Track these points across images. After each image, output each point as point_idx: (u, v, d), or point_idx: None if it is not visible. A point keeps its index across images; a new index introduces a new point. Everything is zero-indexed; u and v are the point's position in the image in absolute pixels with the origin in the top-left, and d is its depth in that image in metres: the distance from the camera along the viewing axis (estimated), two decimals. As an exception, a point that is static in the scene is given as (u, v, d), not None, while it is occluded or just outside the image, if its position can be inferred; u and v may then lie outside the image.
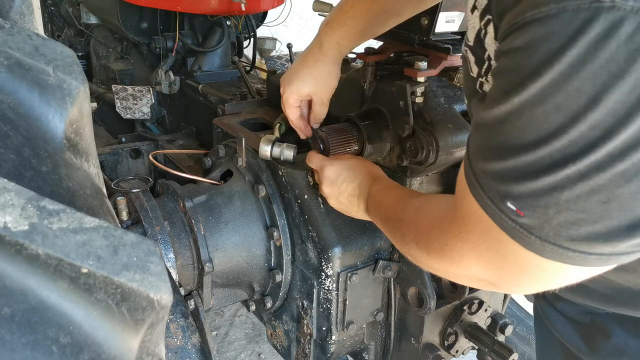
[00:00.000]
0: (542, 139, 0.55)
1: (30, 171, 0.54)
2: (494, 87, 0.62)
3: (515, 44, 0.55)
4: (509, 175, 0.60)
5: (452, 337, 1.53)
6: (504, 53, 0.59)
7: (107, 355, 0.49)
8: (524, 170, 0.58)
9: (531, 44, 0.53)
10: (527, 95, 0.54)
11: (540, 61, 0.52)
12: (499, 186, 0.62)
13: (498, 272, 0.72)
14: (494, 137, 0.61)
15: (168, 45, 2.44)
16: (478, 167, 0.66)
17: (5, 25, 0.64)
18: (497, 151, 0.61)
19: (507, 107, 0.57)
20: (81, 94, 0.66)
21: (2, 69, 0.59)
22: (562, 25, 0.50)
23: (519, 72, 0.55)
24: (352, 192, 1.23)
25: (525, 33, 0.54)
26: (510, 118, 0.57)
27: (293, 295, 1.51)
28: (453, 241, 0.76)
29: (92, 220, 0.48)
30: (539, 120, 0.55)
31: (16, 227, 0.44)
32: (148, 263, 0.50)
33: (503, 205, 0.62)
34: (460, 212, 0.73)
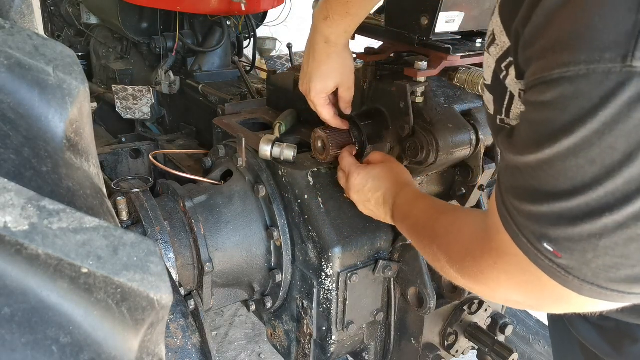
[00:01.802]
0: (577, 189, 0.56)
1: (30, 171, 0.54)
2: (524, 134, 0.63)
3: (544, 97, 0.56)
4: (544, 218, 0.61)
5: (452, 337, 1.52)
6: (532, 104, 0.60)
7: (107, 355, 0.49)
8: (559, 216, 0.59)
9: (561, 101, 0.54)
10: (560, 148, 0.56)
11: (572, 118, 0.54)
12: (535, 227, 0.63)
13: (536, 300, 0.73)
14: (526, 181, 0.62)
15: (168, 45, 2.44)
16: (512, 205, 0.67)
17: (5, 25, 0.64)
18: (531, 195, 0.62)
19: (539, 157, 0.59)
20: (81, 94, 0.66)
21: (2, 68, 0.59)
22: (593, 86, 0.51)
23: (550, 125, 0.56)
24: (378, 201, 1.25)
25: (554, 89, 0.55)
26: (543, 167, 0.59)
27: (293, 295, 1.51)
28: (488, 270, 0.77)
29: (92, 220, 0.48)
30: (572, 172, 0.56)
31: (16, 227, 0.44)
32: (148, 263, 0.50)
33: (540, 246, 0.63)
34: (495, 244, 0.73)
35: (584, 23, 0.51)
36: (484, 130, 1.32)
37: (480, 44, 1.32)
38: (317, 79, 1.34)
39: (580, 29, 0.51)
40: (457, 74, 1.33)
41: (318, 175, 1.42)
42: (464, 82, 1.31)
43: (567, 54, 0.52)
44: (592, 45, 0.50)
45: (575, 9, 0.53)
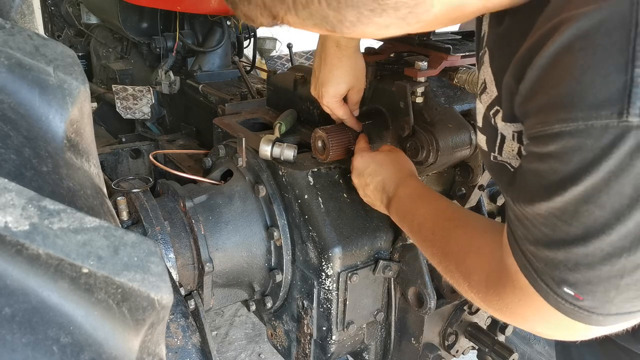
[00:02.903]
0: (591, 234, 0.59)
1: (30, 171, 0.54)
2: (530, 184, 0.65)
3: (547, 149, 0.59)
4: (562, 264, 0.63)
5: (452, 337, 1.53)
6: (535, 155, 0.63)
7: (107, 355, 0.49)
8: (577, 261, 0.61)
9: (564, 152, 0.57)
10: (570, 195, 0.58)
11: (577, 168, 0.57)
12: (554, 272, 0.65)
13: (563, 333, 0.75)
14: (539, 229, 0.64)
15: (168, 45, 2.44)
16: (528, 252, 0.68)
17: (5, 25, 0.64)
18: (546, 242, 0.64)
19: (550, 205, 0.61)
20: (82, 94, 0.66)
21: (2, 69, 0.59)
22: (594, 139, 0.54)
23: (557, 175, 0.59)
24: (376, 186, 1.24)
25: (556, 142, 0.58)
26: (555, 214, 0.61)
27: (293, 295, 1.51)
28: (513, 306, 0.78)
29: (92, 220, 0.48)
30: (584, 217, 0.59)
31: (17, 227, 0.44)
32: (149, 263, 0.50)
33: (560, 290, 0.65)
34: (517, 283, 0.74)
35: (577, 83, 0.54)
36: (484, 130, 1.32)
37: (480, 44, 1.32)
38: (330, 84, 1.33)
39: (574, 88, 0.54)
40: (457, 74, 1.33)
41: (318, 175, 1.42)
42: (464, 82, 1.31)
43: (565, 111, 0.55)
44: (587, 103, 0.53)
45: (565, 70, 0.56)
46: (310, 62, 3.97)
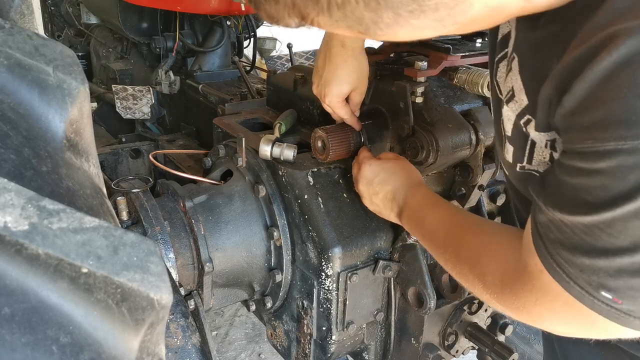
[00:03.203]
0: (636, 246, 0.60)
1: (30, 171, 0.54)
2: (571, 195, 0.65)
3: (598, 166, 0.60)
4: (602, 271, 0.64)
5: (452, 337, 1.53)
6: (581, 170, 0.63)
7: (107, 355, 0.49)
8: (620, 269, 0.62)
9: (619, 170, 0.57)
10: (622, 211, 0.59)
11: (633, 186, 0.57)
12: (592, 278, 0.65)
13: (581, 332, 0.75)
14: (579, 237, 0.65)
15: (168, 45, 2.44)
16: (561, 257, 0.69)
17: (5, 25, 0.64)
18: (586, 250, 0.65)
19: (596, 218, 0.62)
20: (81, 94, 0.66)
21: (2, 68, 0.59)
22: None
23: (608, 192, 0.60)
24: (386, 195, 1.24)
25: (609, 159, 0.58)
26: (600, 226, 0.62)
27: (293, 295, 1.51)
28: (530, 305, 0.78)
29: (92, 220, 0.48)
30: (633, 231, 0.60)
31: (16, 227, 0.44)
32: (148, 263, 0.50)
33: (597, 294, 0.66)
34: (538, 283, 0.74)
35: (637, 100, 0.53)
36: (484, 130, 1.32)
37: (480, 44, 1.32)
38: (333, 84, 1.32)
39: (634, 105, 0.53)
40: (457, 74, 1.33)
41: (318, 175, 1.42)
42: (464, 82, 1.31)
43: (623, 128, 0.55)
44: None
45: (623, 85, 0.54)
46: (310, 62, 3.96)
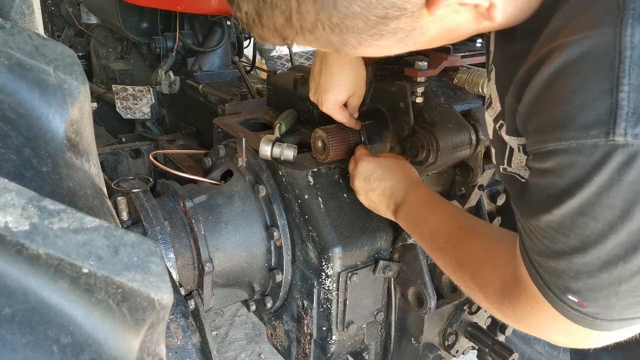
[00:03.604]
0: (587, 244, 0.63)
1: (30, 171, 0.54)
2: (534, 198, 0.70)
3: (544, 165, 0.65)
4: (564, 273, 0.68)
5: (452, 337, 1.53)
6: (536, 170, 0.68)
7: (107, 355, 0.49)
8: (578, 270, 0.66)
9: (559, 168, 0.62)
10: (566, 208, 0.63)
11: (572, 182, 0.62)
12: (558, 281, 0.69)
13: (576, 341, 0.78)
14: (541, 241, 0.69)
15: (168, 45, 2.44)
16: (536, 262, 0.73)
17: (5, 25, 0.64)
18: (549, 252, 0.69)
19: (549, 218, 0.66)
20: (82, 94, 0.66)
21: (2, 69, 0.59)
22: (585, 156, 0.59)
23: (554, 189, 0.64)
24: (384, 192, 1.24)
25: (551, 158, 0.63)
26: (554, 226, 0.66)
27: (293, 295, 1.51)
28: (527, 315, 0.81)
29: (92, 220, 0.48)
30: (580, 229, 0.63)
31: (17, 227, 0.44)
32: (149, 263, 0.50)
33: (565, 298, 0.70)
34: (530, 292, 0.77)
35: (569, 106, 0.59)
36: (484, 130, 1.32)
37: (480, 44, 1.32)
38: (330, 92, 1.32)
39: (566, 111, 0.59)
40: (457, 74, 1.33)
41: (318, 175, 1.42)
42: (464, 82, 1.31)
43: (559, 130, 0.60)
44: (579, 124, 0.58)
45: (558, 93, 0.60)
46: (310, 63, 3.96)
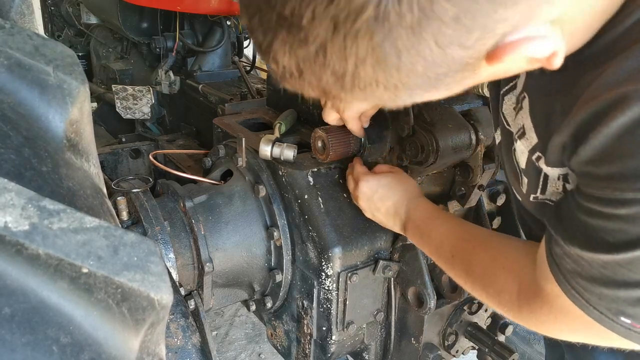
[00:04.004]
0: None
1: (30, 171, 0.54)
2: (591, 235, 0.69)
3: (617, 212, 0.63)
4: (621, 300, 0.68)
5: (452, 337, 1.53)
6: (601, 214, 0.66)
7: (107, 355, 0.49)
8: (637, 299, 0.66)
9: (638, 217, 0.61)
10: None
11: None
12: (611, 305, 0.69)
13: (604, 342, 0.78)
14: (597, 270, 0.69)
15: (168, 45, 2.44)
16: (580, 285, 0.72)
17: (5, 25, 0.64)
18: (605, 281, 0.68)
19: (616, 257, 0.65)
20: (81, 94, 0.66)
21: (2, 69, 0.59)
22: None
23: (627, 235, 0.63)
24: (388, 211, 1.25)
25: (629, 207, 0.62)
26: (620, 263, 0.66)
27: (293, 295, 1.51)
28: (549, 322, 0.82)
29: (92, 220, 0.48)
30: None
31: (17, 227, 0.44)
32: (148, 263, 0.50)
33: (616, 319, 0.70)
34: (556, 305, 0.78)
35: None
36: (484, 130, 1.32)
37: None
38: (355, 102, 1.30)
39: None
40: (457, 74, 1.33)
41: (318, 175, 1.42)
42: (464, 82, 1.31)
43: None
44: None
45: (635, 144, 0.58)
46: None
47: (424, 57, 0.51)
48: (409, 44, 0.50)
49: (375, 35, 0.48)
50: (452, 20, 0.48)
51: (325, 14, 0.47)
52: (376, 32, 0.48)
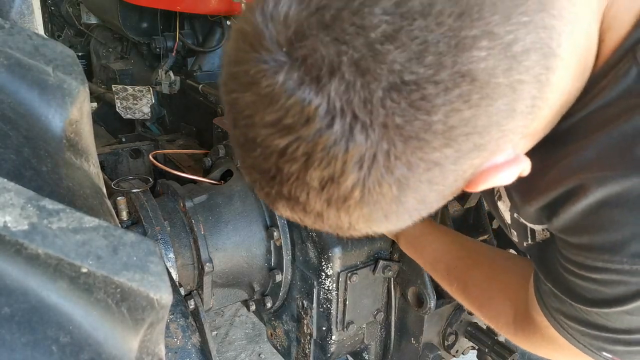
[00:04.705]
0: (632, 330, 0.68)
1: (30, 171, 0.54)
2: (572, 290, 0.72)
3: (591, 275, 0.67)
4: (601, 339, 0.72)
5: (452, 337, 1.52)
6: (578, 275, 0.69)
7: (107, 355, 0.49)
8: (617, 340, 0.70)
9: (610, 282, 0.65)
10: (615, 310, 0.67)
11: (623, 295, 0.65)
12: (593, 342, 0.73)
13: None
14: (579, 313, 0.72)
15: (168, 45, 2.44)
16: (563, 321, 0.76)
17: (5, 25, 0.64)
18: (586, 323, 0.72)
19: (594, 310, 0.70)
20: (81, 94, 0.66)
21: (2, 68, 0.59)
22: (636, 278, 0.62)
23: (602, 295, 0.67)
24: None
25: (601, 273, 0.65)
26: (599, 314, 0.69)
27: (293, 295, 1.51)
28: (543, 347, 0.86)
29: (91, 220, 0.48)
30: (628, 321, 0.68)
31: (16, 226, 0.44)
32: (148, 263, 0.50)
33: (599, 353, 0.74)
34: (546, 334, 0.82)
35: (618, 234, 0.61)
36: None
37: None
38: None
39: (616, 239, 0.61)
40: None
41: (318, 175, 1.42)
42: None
43: (609, 254, 0.63)
44: (631, 252, 0.61)
45: (605, 221, 0.62)
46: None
47: (408, 212, 0.57)
48: (394, 209, 0.54)
49: (364, 208, 0.53)
50: (427, 182, 0.53)
51: (318, 197, 0.52)
52: (364, 206, 0.53)
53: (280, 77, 0.47)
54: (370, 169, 0.49)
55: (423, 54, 0.45)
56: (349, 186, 0.50)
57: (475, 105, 0.48)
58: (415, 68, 0.45)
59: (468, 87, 0.47)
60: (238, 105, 0.52)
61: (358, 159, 0.48)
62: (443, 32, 0.45)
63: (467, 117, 0.49)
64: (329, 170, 0.50)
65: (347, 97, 0.46)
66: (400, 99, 0.46)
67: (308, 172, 0.50)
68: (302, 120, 0.48)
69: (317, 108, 0.47)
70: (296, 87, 0.47)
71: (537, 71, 0.51)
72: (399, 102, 0.46)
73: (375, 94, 0.46)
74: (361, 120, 0.47)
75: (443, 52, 0.45)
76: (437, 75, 0.46)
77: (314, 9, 0.46)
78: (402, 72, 0.45)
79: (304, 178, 0.51)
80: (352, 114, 0.47)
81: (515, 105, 0.51)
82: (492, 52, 0.47)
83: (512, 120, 0.52)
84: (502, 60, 0.48)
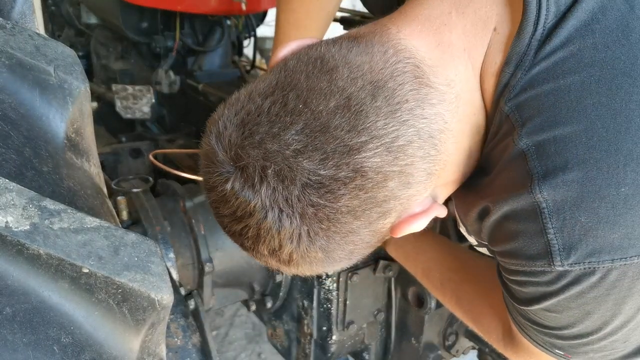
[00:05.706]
0: (562, 327, 0.76)
1: (31, 171, 0.54)
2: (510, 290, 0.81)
3: (513, 278, 0.76)
4: (547, 336, 0.80)
5: (453, 336, 1.53)
6: (508, 279, 0.79)
7: (108, 355, 0.49)
8: (560, 337, 0.78)
9: (523, 283, 0.74)
10: (534, 308, 0.76)
11: (535, 295, 0.74)
12: (545, 339, 0.82)
13: None
14: (526, 313, 0.80)
15: (168, 44, 2.44)
16: (518, 320, 0.84)
17: (6, 25, 0.64)
18: (532, 322, 0.80)
19: (528, 308, 0.77)
20: (82, 94, 0.66)
21: (3, 69, 0.59)
22: (540, 276, 0.71)
23: (522, 295, 0.77)
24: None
25: (514, 275, 0.75)
26: (533, 311, 0.78)
27: (293, 295, 1.51)
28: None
29: (93, 220, 0.49)
30: (552, 319, 0.76)
31: (17, 227, 0.44)
32: (149, 263, 0.50)
33: (553, 351, 0.82)
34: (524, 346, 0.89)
35: (517, 243, 0.70)
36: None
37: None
38: None
39: (516, 246, 0.71)
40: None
41: (318, 175, 1.42)
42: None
43: (514, 258, 0.73)
44: (528, 256, 0.70)
45: (506, 233, 0.72)
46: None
47: (341, 261, 0.74)
48: (328, 262, 0.71)
49: (304, 265, 0.71)
50: (346, 244, 0.69)
51: (271, 259, 0.71)
52: (304, 264, 0.70)
53: (229, 185, 0.65)
54: (299, 243, 0.66)
55: (325, 161, 0.62)
56: (287, 254, 0.68)
57: (370, 190, 0.64)
58: (320, 172, 0.62)
59: (361, 180, 0.63)
60: (210, 199, 0.71)
61: (289, 237, 0.66)
62: (337, 143, 0.62)
63: (365, 198, 0.64)
64: (272, 244, 0.67)
65: (274, 197, 0.63)
66: (311, 194, 0.63)
67: (259, 246, 0.68)
68: (247, 213, 0.65)
69: (255, 205, 0.64)
70: (240, 190, 0.64)
71: (425, 152, 0.66)
72: (310, 197, 0.63)
73: (293, 193, 0.63)
74: (285, 212, 0.64)
75: (339, 157, 0.62)
76: (336, 175, 0.62)
77: (247, 134, 0.64)
78: (310, 175, 0.62)
79: (257, 249, 0.69)
80: (278, 208, 0.64)
81: (408, 179, 0.66)
82: (377, 151, 0.63)
83: (409, 190, 0.67)
84: (387, 155, 0.63)
